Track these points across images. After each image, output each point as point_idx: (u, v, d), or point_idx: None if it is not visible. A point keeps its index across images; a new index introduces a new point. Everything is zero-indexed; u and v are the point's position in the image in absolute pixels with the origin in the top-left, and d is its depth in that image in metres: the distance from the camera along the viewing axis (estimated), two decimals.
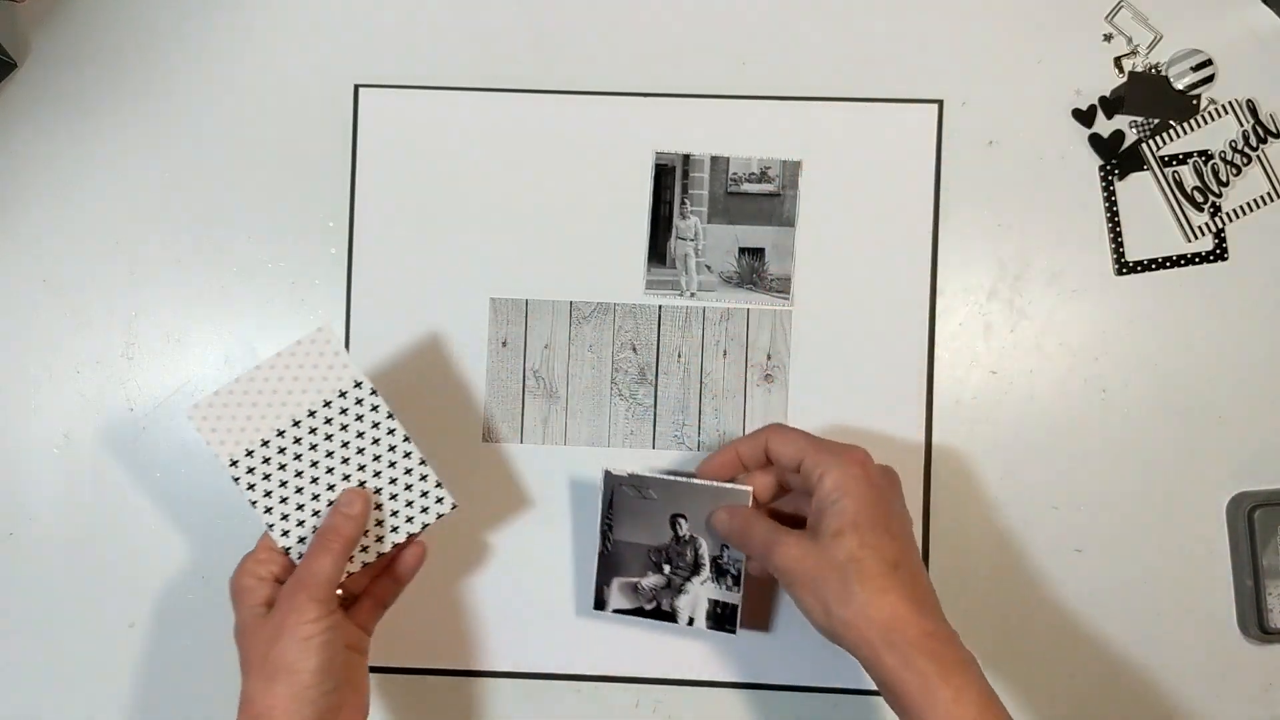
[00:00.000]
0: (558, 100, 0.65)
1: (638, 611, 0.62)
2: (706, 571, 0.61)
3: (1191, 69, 0.64)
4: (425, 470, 0.57)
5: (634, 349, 0.64)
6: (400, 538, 0.57)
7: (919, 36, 0.65)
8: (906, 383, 0.64)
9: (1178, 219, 0.64)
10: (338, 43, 0.65)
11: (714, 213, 0.64)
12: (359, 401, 0.57)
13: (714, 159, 0.64)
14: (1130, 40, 0.64)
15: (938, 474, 0.64)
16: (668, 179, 0.64)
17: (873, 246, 0.64)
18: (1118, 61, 0.64)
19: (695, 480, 0.59)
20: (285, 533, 0.56)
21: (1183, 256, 0.64)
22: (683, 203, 0.64)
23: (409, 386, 0.64)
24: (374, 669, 0.64)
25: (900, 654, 0.49)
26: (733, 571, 0.61)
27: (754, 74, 0.65)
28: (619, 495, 0.61)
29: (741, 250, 0.64)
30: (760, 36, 0.65)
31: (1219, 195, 0.64)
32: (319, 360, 0.57)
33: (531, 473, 0.64)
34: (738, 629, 0.60)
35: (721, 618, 0.61)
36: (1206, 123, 0.64)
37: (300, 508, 0.57)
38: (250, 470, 0.56)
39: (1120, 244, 0.64)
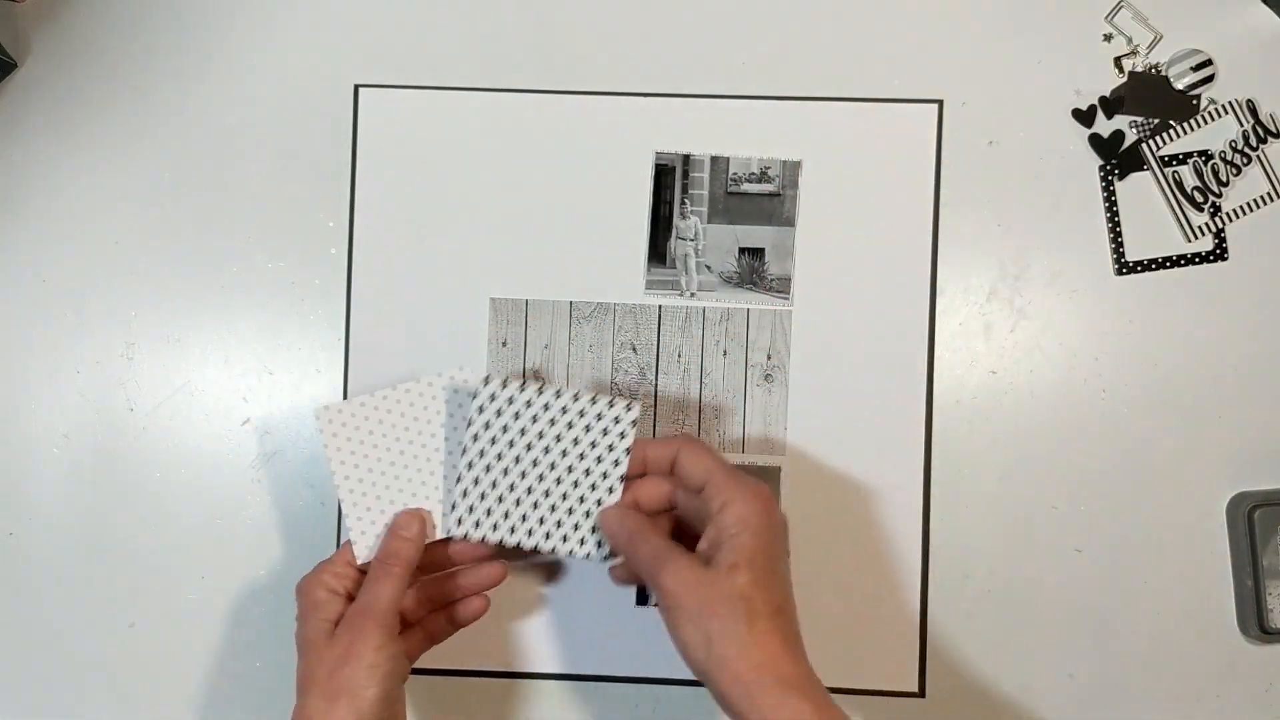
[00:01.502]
0: (558, 100, 0.65)
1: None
2: None
3: (1191, 69, 0.64)
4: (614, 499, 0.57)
5: (634, 349, 0.65)
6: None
7: (919, 36, 0.65)
8: (906, 383, 0.64)
9: (1178, 219, 0.64)
10: (338, 43, 0.65)
11: (714, 213, 0.64)
12: (456, 391, 0.57)
13: (714, 159, 0.64)
14: (1130, 40, 0.64)
15: (938, 474, 0.64)
16: (668, 179, 0.65)
17: (873, 246, 0.64)
18: (1118, 61, 0.64)
19: (735, 460, 0.60)
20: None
21: (1183, 256, 0.64)
22: (683, 203, 0.64)
23: None
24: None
25: (775, 696, 0.48)
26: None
27: (754, 74, 0.65)
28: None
29: (741, 250, 0.64)
30: (760, 36, 0.65)
31: (1219, 195, 0.64)
32: (451, 397, 0.58)
33: None
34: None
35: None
36: (1206, 123, 0.64)
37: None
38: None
39: (1120, 244, 0.64)
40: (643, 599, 0.64)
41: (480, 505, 0.57)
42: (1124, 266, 0.64)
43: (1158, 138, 0.64)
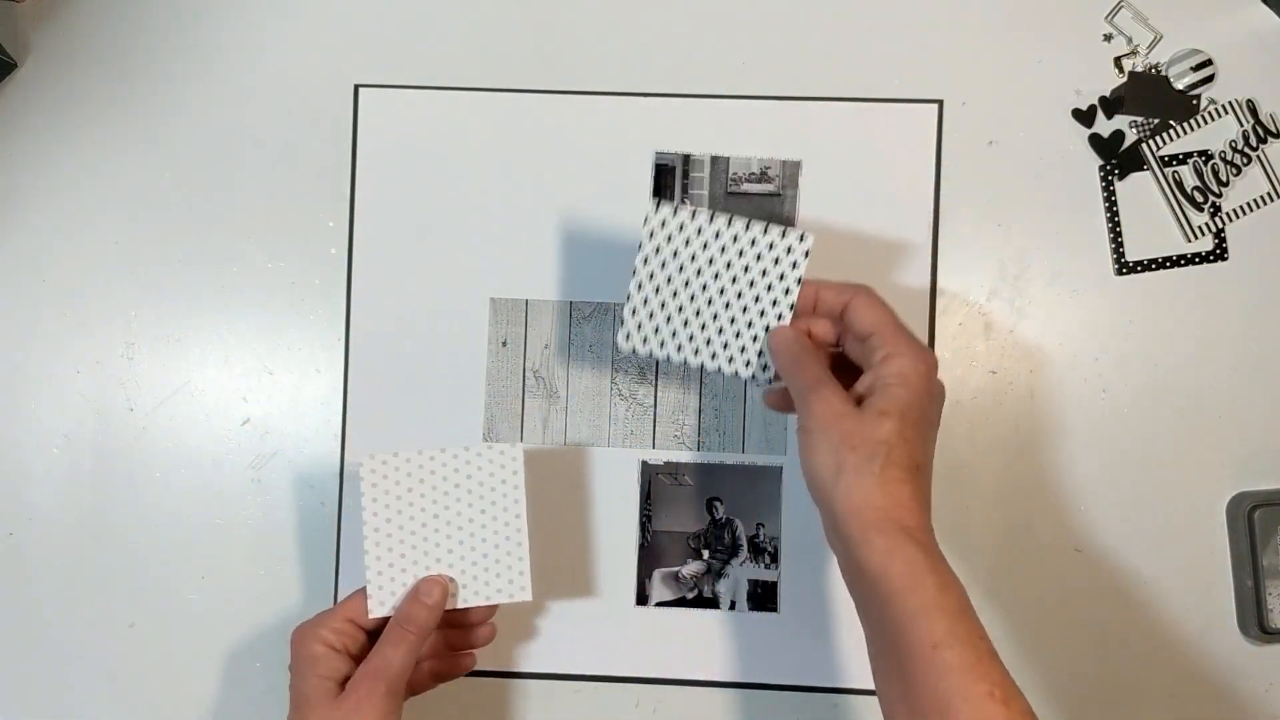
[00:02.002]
0: (558, 100, 0.65)
1: (680, 602, 0.62)
2: (744, 552, 0.61)
3: (1191, 69, 0.64)
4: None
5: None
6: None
7: (919, 36, 0.65)
8: None
9: (1178, 219, 0.64)
10: (338, 43, 0.65)
11: None
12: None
13: (714, 159, 0.64)
14: (1130, 40, 0.64)
15: (938, 474, 0.63)
16: (668, 179, 0.64)
17: (873, 246, 0.64)
18: (1118, 61, 0.64)
19: (728, 462, 0.61)
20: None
21: (1183, 256, 0.64)
22: (683, 203, 0.64)
23: (409, 387, 0.64)
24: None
25: (892, 539, 0.48)
26: (769, 549, 0.61)
27: (754, 74, 0.65)
28: (655, 484, 0.61)
29: None
30: (760, 36, 0.65)
31: (1219, 195, 0.64)
32: (497, 471, 0.57)
33: (536, 471, 0.64)
34: (779, 609, 0.61)
35: (762, 598, 0.61)
36: (1206, 123, 0.64)
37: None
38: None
39: (1120, 244, 0.64)
40: (642, 599, 0.64)
41: (649, 323, 0.56)
42: (1124, 266, 0.64)
43: (1158, 138, 0.64)
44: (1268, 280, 0.64)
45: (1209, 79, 0.64)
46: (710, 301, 0.56)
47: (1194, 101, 0.64)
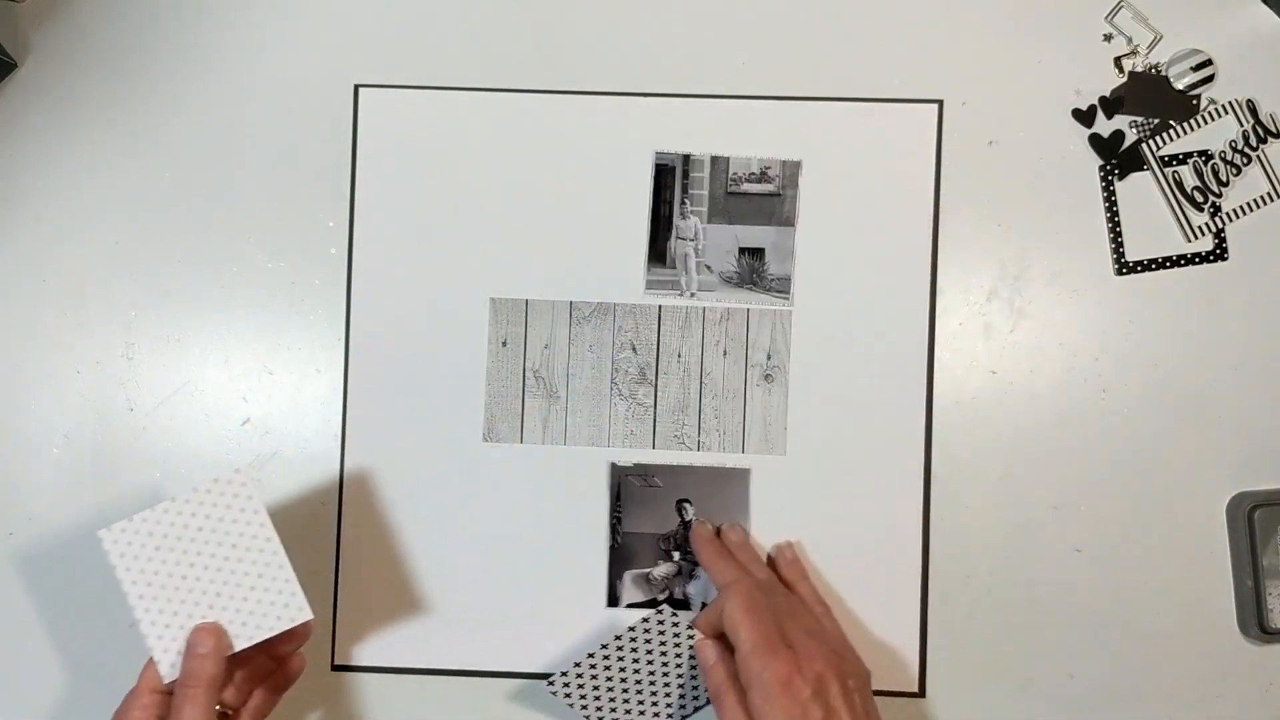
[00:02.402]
0: (558, 100, 0.65)
1: (651, 603, 0.62)
2: None
3: (1191, 69, 0.64)
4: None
5: (634, 349, 0.64)
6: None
7: (919, 36, 0.65)
8: (906, 383, 0.64)
9: (1178, 219, 0.64)
10: (338, 43, 0.65)
11: (714, 213, 0.64)
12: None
13: (714, 159, 0.64)
14: (1130, 40, 0.64)
15: (938, 474, 0.64)
16: (668, 179, 0.65)
17: (873, 246, 0.64)
18: (1118, 61, 0.64)
19: (698, 464, 0.61)
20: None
21: (1183, 256, 0.64)
22: (683, 203, 0.64)
23: (409, 386, 0.64)
24: (367, 669, 0.64)
25: None
26: None
27: (754, 74, 0.65)
28: (625, 486, 0.61)
29: (741, 250, 0.64)
30: (760, 36, 0.65)
31: (1219, 195, 0.64)
32: (232, 502, 0.56)
33: (531, 472, 0.64)
34: None
35: None
36: (1206, 123, 0.64)
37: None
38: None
39: (1120, 244, 0.64)
40: (613, 601, 0.64)
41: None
42: (1124, 266, 0.64)
43: (1158, 138, 0.64)
44: (1268, 280, 0.64)
45: (1209, 79, 0.64)
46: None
47: (1194, 101, 0.64)
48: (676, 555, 0.63)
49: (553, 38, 0.65)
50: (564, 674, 0.59)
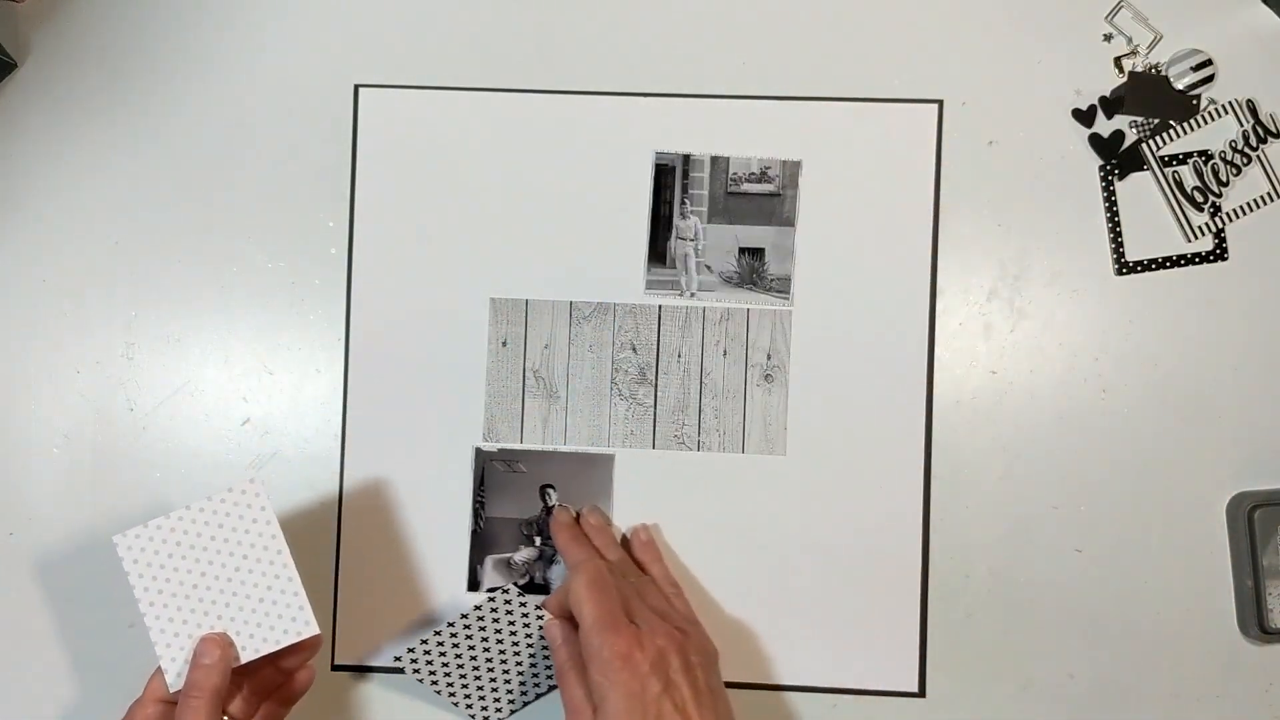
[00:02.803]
0: (558, 100, 0.65)
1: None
2: None
3: (1191, 69, 0.64)
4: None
5: (634, 349, 0.65)
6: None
7: (919, 36, 0.65)
8: (906, 383, 0.64)
9: (1178, 219, 0.64)
10: (338, 43, 0.65)
11: (714, 213, 0.64)
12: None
13: (714, 159, 0.64)
14: (1130, 40, 0.64)
15: (938, 474, 0.64)
16: (668, 179, 0.65)
17: (873, 246, 0.64)
18: (1118, 61, 0.64)
19: (563, 449, 0.63)
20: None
21: (1183, 256, 0.64)
22: (683, 203, 0.64)
23: (409, 386, 0.64)
24: (367, 669, 0.64)
25: None
26: None
27: (754, 74, 0.65)
28: (489, 471, 0.62)
29: (741, 250, 0.64)
30: (760, 36, 0.65)
31: (1219, 195, 0.64)
32: (245, 512, 0.56)
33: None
34: None
35: None
36: (1206, 123, 0.64)
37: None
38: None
39: (1120, 244, 0.64)
40: (474, 585, 0.63)
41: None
42: (1124, 266, 0.64)
43: (1158, 138, 0.64)
44: (1268, 280, 0.64)
45: (1209, 79, 0.64)
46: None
47: (1194, 101, 0.64)
48: (538, 540, 0.63)
49: (553, 38, 0.65)
50: (411, 650, 0.60)
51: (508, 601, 0.60)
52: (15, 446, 0.65)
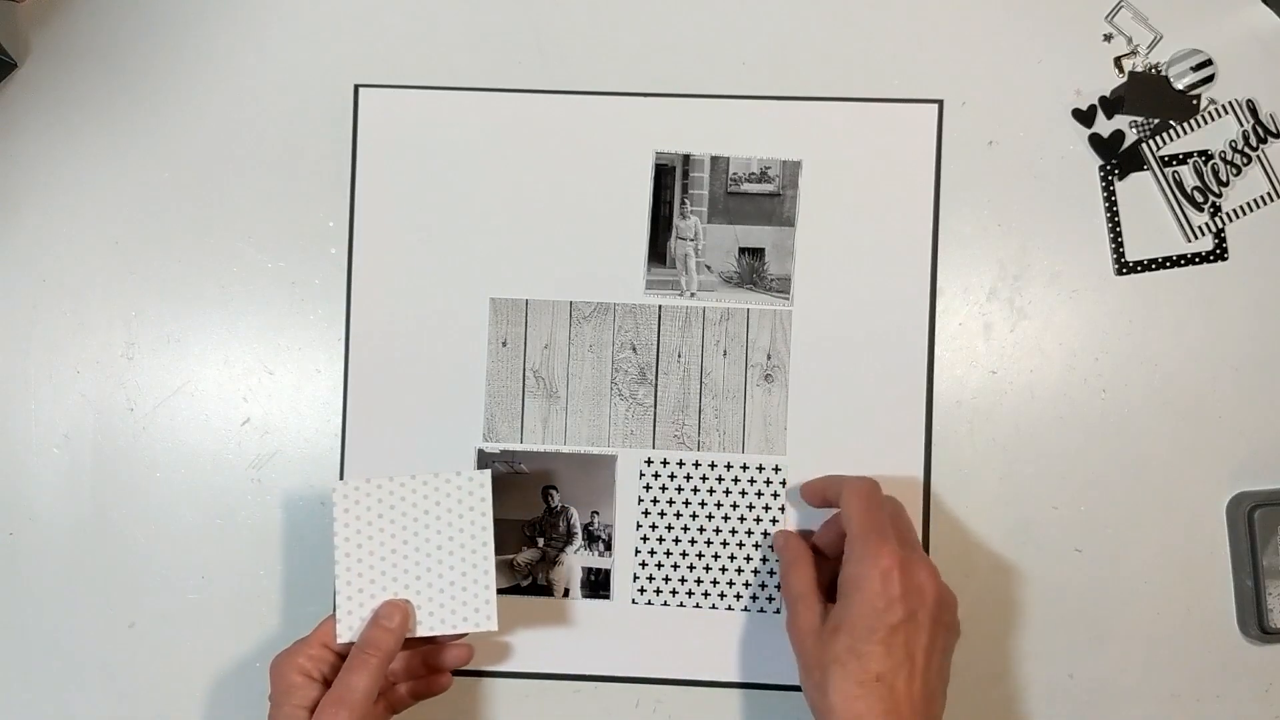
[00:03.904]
0: (558, 100, 0.65)
1: (514, 589, 0.63)
2: (579, 540, 0.62)
3: (1191, 69, 0.64)
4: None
5: (634, 349, 0.65)
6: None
7: (919, 36, 0.65)
8: (906, 383, 0.64)
9: (1178, 219, 0.64)
10: (338, 43, 0.65)
11: (714, 213, 0.64)
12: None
13: (714, 159, 0.64)
14: (1130, 40, 0.64)
15: (938, 474, 0.64)
16: (668, 179, 0.65)
17: (873, 246, 0.64)
18: (1118, 61, 0.64)
19: (565, 450, 0.63)
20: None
21: (1183, 256, 0.64)
22: (683, 203, 0.64)
23: (409, 386, 0.64)
24: None
25: None
26: (603, 538, 0.63)
27: (754, 74, 0.65)
28: (492, 473, 0.62)
29: (741, 250, 0.64)
30: (760, 36, 0.65)
31: (1219, 195, 0.64)
32: (465, 498, 0.58)
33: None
34: (611, 595, 0.62)
35: (596, 585, 0.62)
36: (1206, 123, 0.64)
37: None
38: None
39: (1120, 244, 0.64)
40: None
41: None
42: (1124, 266, 0.64)
43: (1158, 138, 0.64)
44: (1268, 280, 0.64)
45: (1209, 79, 0.64)
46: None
47: (1194, 101, 0.64)
48: (540, 541, 0.63)
49: (553, 38, 0.65)
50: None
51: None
52: (15, 446, 0.65)
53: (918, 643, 0.52)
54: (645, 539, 0.64)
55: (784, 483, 0.64)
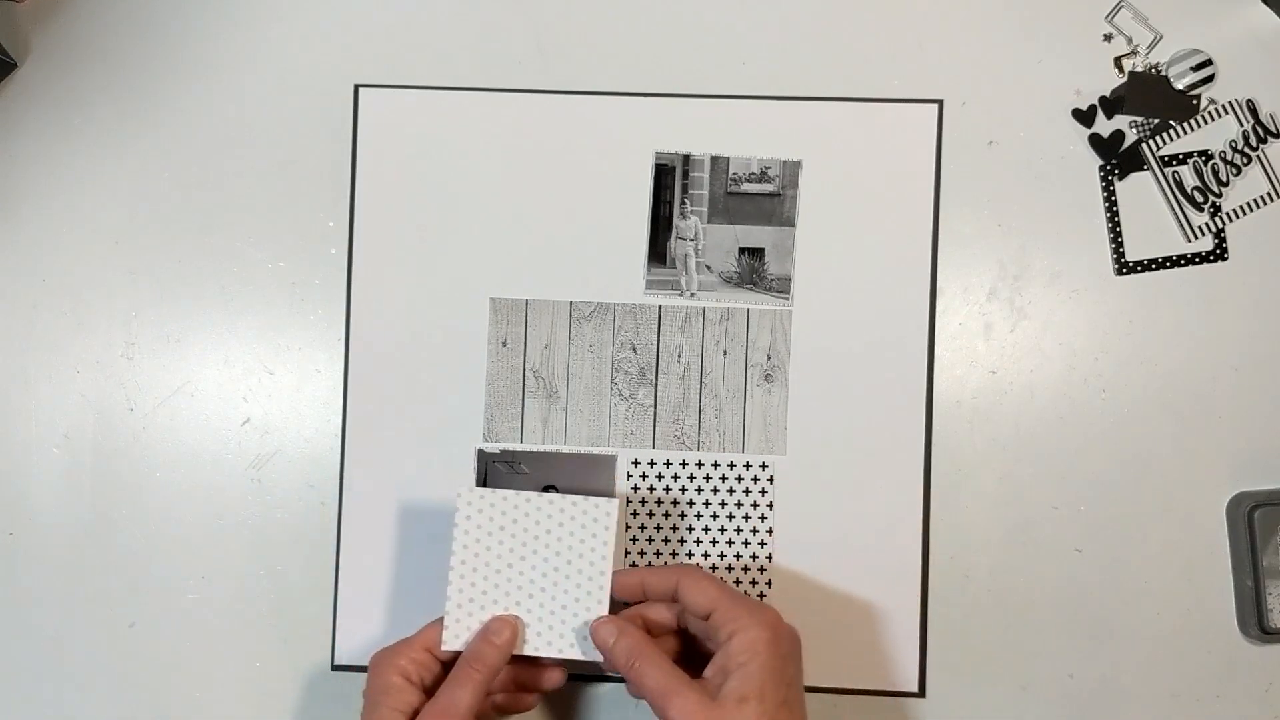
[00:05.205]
0: (558, 100, 0.65)
1: None
2: None
3: (1191, 69, 0.64)
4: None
5: (634, 349, 0.65)
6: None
7: (919, 36, 0.65)
8: (906, 383, 0.64)
9: (1178, 219, 0.64)
10: (338, 43, 0.65)
11: (714, 213, 0.64)
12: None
13: (714, 159, 0.64)
14: (1130, 40, 0.64)
15: (938, 474, 0.64)
16: (668, 179, 0.65)
17: (873, 246, 0.64)
18: (1118, 61, 0.64)
19: (565, 450, 0.62)
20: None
21: (1183, 256, 0.64)
22: (683, 203, 0.64)
23: (409, 386, 0.64)
24: (367, 669, 0.64)
25: None
26: None
27: (754, 74, 0.65)
28: (492, 472, 0.62)
29: (741, 250, 0.64)
30: (760, 36, 0.65)
31: (1219, 195, 0.64)
32: (589, 524, 0.57)
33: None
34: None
35: None
36: (1206, 123, 0.64)
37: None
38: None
39: (1120, 244, 0.64)
40: None
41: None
42: (1124, 266, 0.64)
43: (1158, 138, 0.64)
44: (1268, 280, 0.64)
45: (1209, 79, 0.64)
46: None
47: (1194, 101, 0.64)
48: None
49: (553, 38, 0.65)
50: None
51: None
52: (15, 446, 0.65)
53: (801, 694, 0.53)
54: (635, 540, 0.64)
55: (771, 479, 0.64)
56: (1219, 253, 0.64)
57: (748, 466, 0.64)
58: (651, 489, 0.64)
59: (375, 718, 0.54)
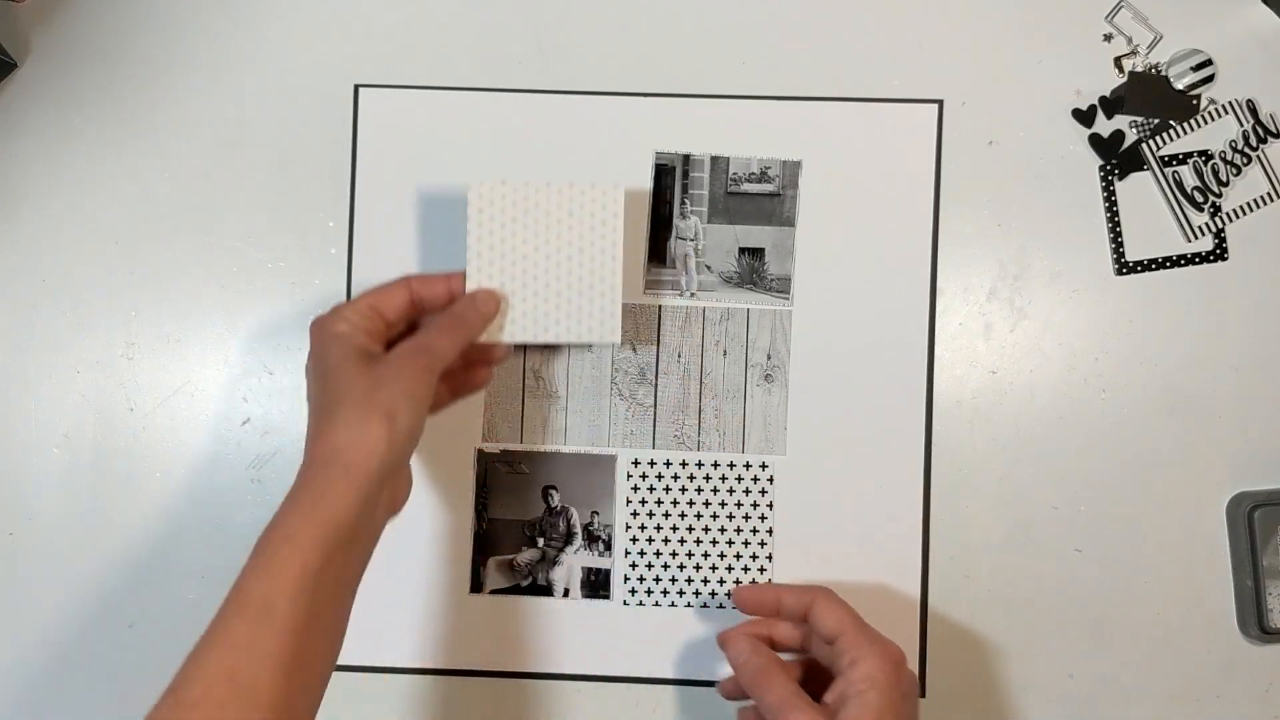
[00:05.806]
0: (558, 100, 0.65)
1: (514, 589, 0.63)
2: (579, 540, 0.63)
3: (1191, 69, 0.64)
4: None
5: (634, 349, 0.65)
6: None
7: (919, 36, 0.65)
8: (906, 383, 0.64)
9: (1178, 219, 0.64)
10: (338, 43, 0.65)
11: (714, 213, 0.64)
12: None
13: (714, 159, 0.64)
14: (1130, 40, 0.64)
15: (938, 474, 0.64)
16: (668, 179, 0.65)
17: (873, 246, 0.64)
18: (1118, 61, 0.64)
19: (565, 450, 0.63)
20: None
21: (1183, 256, 0.64)
22: (683, 203, 0.64)
23: None
24: (367, 669, 0.64)
25: None
26: (603, 538, 0.63)
27: (754, 74, 0.65)
28: (491, 472, 0.62)
29: (741, 250, 0.64)
30: (760, 36, 0.65)
31: (1219, 195, 0.64)
32: (597, 211, 0.58)
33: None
34: (611, 595, 0.62)
35: (595, 585, 0.63)
36: (1206, 123, 0.64)
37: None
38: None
39: (1120, 244, 0.64)
40: (477, 587, 0.64)
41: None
42: (1124, 266, 0.64)
43: (1158, 138, 0.64)
44: (1268, 280, 0.64)
45: (1209, 79, 0.64)
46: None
47: (1194, 101, 0.64)
48: (540, 541, 0.64)
49: (553, 38, 0.65)
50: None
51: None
52: (15, 446, 0.65)
53: None
54: (635, 540, 0.64)
55: (771, 479, 0.64)
56: (1219, 253, 0.64)
57: (748, 466, 0.64)
58: (651, 489, 0.64)
59: (330, 355, 0.52)
